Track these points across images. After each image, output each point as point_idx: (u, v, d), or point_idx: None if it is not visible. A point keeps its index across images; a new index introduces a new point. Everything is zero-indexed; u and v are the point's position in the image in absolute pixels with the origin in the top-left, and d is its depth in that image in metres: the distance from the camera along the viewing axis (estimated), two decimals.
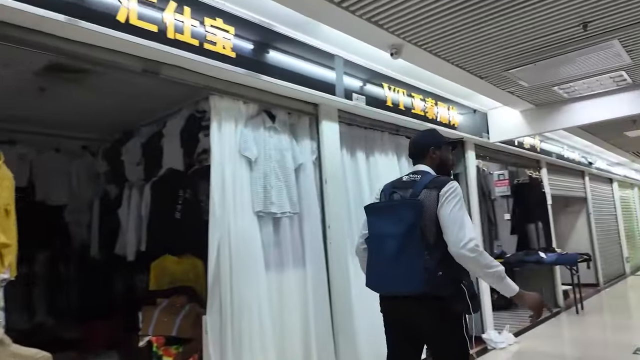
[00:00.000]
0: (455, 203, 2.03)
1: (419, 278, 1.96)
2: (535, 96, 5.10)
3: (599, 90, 4.94)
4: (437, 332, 2.07)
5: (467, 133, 5.52)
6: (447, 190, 2.06)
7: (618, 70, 4.32)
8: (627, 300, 8.51)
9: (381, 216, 2.17)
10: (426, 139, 2.36)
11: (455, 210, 2.02)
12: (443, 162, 2.32)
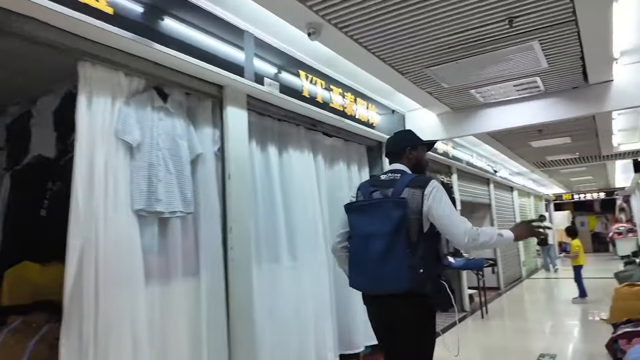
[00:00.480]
0: (445, 200, 2.12)
1: (404, 276, 2.02)
2: (453, 99, 5.00)
3: (514, 96, 4.96)
4: (416, 327, 2.13)
5: (385, 134, 5.29)
6: (432, 189, 2.13)
7: (533, 76, 4.32)
8: (524, 304, 8.94)
9: (365, 215, 2.19)
10: (403, 139, 2.43)
11: (447, 207, 2.11)
12: (419, 162, 2.39)
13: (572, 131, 6.97)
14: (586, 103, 4.71)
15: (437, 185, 2.17)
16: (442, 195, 2.13)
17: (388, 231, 2.06)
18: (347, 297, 4.58)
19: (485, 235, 2.10)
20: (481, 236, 2.09)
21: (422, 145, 2.44)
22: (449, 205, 2.13)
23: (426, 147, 2.49)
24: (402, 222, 2.06)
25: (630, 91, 4.47)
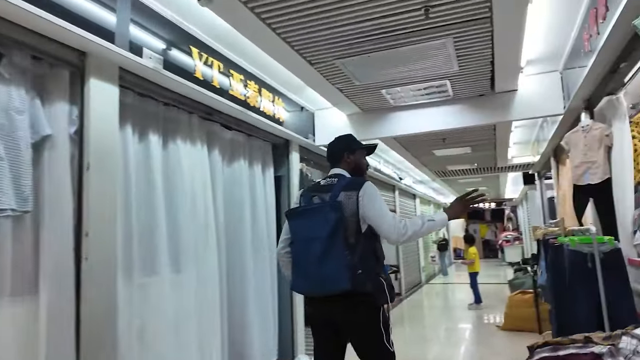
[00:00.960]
0: (376, 200, 2.23)
1: (344, 277, 2.08)
2: (364, 98, 4.73)
3: (423, 100, 4.82)
4: (362, 326, 2.18)
5: (293, 132, 4.88)
6: (366, 190, 2.24)
7: (444, 79, 4.18)
8: (424, 310, 9.08)
9: (304, 220, 2.26)
10: (340, 144, 2.53)
11: (378, 206, 2.22)
12: (357, 166, 2.49)
13: (473, 141, 7.15)
14: (492, 111, 4.70)
15: (371, 186, 2.27)
16: (374, 196, 2.24)
17: (326, 234, 2.12)
18: (242, 311, 4.06)
19: (414, 225, 2.21)
20: (409, 227, 2.20)
21: (360, 150, 2.53)
22: (380, 204, 2.24)
23: (365, 151, 2.57)
24: (339, 225, 2.14)
25: (534, 102, 4.53)
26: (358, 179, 2.34)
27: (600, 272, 3.02)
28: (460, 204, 2.35)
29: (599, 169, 3.82)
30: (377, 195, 2.25)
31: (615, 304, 2.96)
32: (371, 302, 2.17)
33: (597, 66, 3.17)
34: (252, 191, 4.44)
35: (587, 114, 4.01)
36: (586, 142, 3.91)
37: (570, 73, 4.08)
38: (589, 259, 3.11)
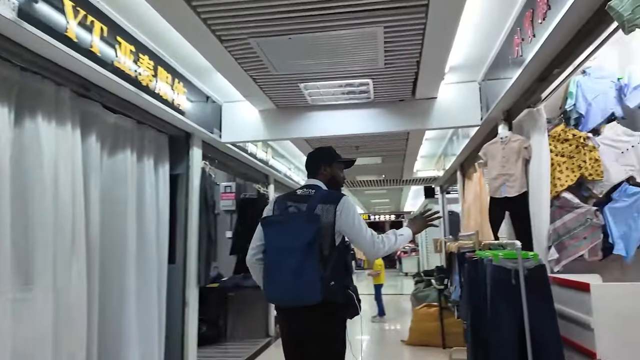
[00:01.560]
0: (354, 215, 2.28)
1: (317, 289, 2.13)
2: (279, 92, 4.25)
3: (343, 101, 4.48)
4: (328, 335, 2.24)
5: (196, 124, 4.23)
6: (344, 205, 2.28)
7: (367, 77, 3.85)
8: None
9: (280, 229, 2.26)
10: (318, 155, 2.55)
11: (357, 221, 2.28)
12: (334, 178, 2.52)
13: (385, 151, 7.03)
14: (411, 118, 4.51)
15: (349, 201, 2.31)
16: (353, 211, 2.28)
17: (301, 245, 2.14)
18: (118, 333, 3.30)
19: (389, 240, 2.34)
20: (386, 242, 2.33)
21: (338, 163, 2.56)
22: (359, 219, 2.29)
23: (343, 165, 2.60)
24: (315, 237, 2.17)
25: (452, 111, 4.42)
26: (335, 193, 2.37)
27: (524, 290, 2.85)
28: (420, 220, 2.53)
29: (516, 182, 3.75)
30: (355, 211, 2.29)
31: (538, 325, 2.79)
32: (339, 315, 2.25)
33: (527, 73, 3.05)
34: (139, 189, 3.70)
35: (506, 125, 3.95)
36: (504, 154, 3.83)
37: (490, 84, 4.00)
38: (513, 275, 2.93)
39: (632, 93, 3.41)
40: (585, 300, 2.77)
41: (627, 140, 3.45)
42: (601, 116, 3.58)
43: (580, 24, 2.37)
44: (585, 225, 3.43)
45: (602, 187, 3.49)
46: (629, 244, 3.33)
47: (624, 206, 3.38)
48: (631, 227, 3.33)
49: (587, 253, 3.42)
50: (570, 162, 3.54)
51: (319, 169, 2.49)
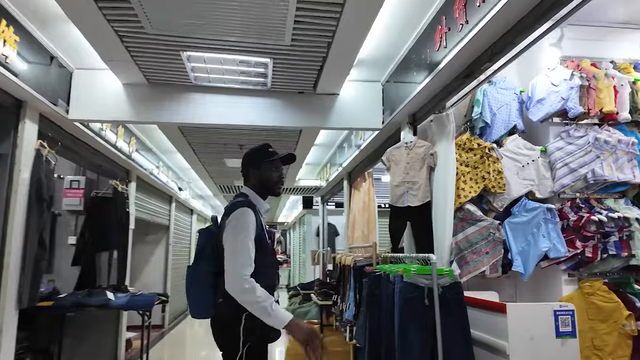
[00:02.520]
0: (234, 233, 1.97)
1: (206, 304, 2.08)
2: (154, 61, 3.40)
3: (234, 84, 3.80)
4: (228, 354, 2.04)
5: (31, 89, 3.15)
6: (231, 219, 2.00)
7: (268, 54, 3.24)
8: (190, 346, 7.74)
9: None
10: (245, 159, 2.26)
11: (233, 241, 1.97)
12: (262, 182, 2.20)
13: None
14: (310, 114, 4.01)
15: (240, 215, 1.99)
16: (236, 228, 1.97)
17: (194, 260, 2.13)
18: None
19: (254, 297, 1.90)
20: (249, 294, 1.90)
21: (267, 162, 2.20)
22: (234, 240, 1.96)
23: (273, 164, 2.22)
24: (202, 251, 2.12)
25: (353, 111, 4.05)
26: (237, 204, 2.05)
27: (439, 312, 2.48)
28: (306, 331, 1.91)
29: (419, 191, 3.46)
30: (239, 227, 1.97)
31: (453, 352, 2.44)
32: (234, 334, 1.98)
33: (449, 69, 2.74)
34: None
35: (411, 130, 3.66)
36: (409, 159, 3.53)
37: (396, 84, 3.70)
38: (426, 294, 2.55)
39: (536, 106, 3.37)
40: (500, 323, 2.50)
41: (527, 154, 3.40)
42: (504, 128, 3.50)
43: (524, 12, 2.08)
44: (488, 240, 3.27)
45: (502, 201, 3.38)
46: (527, 261, 3.23)
47: (524, 221, 3.29)
48: (530, 243, 3.24)
49: (489, 269, 3.25)
50: (475, 173, 3.36)
51: (247, 172, 2.22)
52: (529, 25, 2.09)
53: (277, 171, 2.22)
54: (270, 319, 1.89)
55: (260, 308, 1.88)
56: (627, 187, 3.26)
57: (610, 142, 3.22)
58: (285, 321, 1.89)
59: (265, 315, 1.89)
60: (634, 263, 3.09)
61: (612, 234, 3.09)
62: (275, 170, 2.22)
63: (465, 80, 2.74)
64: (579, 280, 3.17)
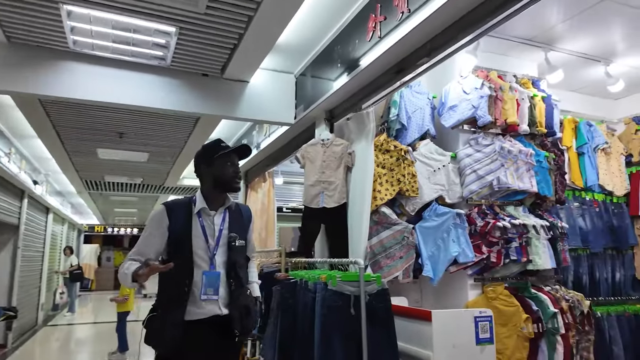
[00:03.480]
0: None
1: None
2: (18, 15, 2.66)
3: (124, 56, 3.18)
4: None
5: None
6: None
7: (174, 23, 2.74)
8: None
9: None
10: (197, 158, 2.10)
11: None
12: (217, 179, 2.02)
13: (157, 146, 5.72)
14: (217, 101, 3.56)
15: (151, 215, 2.01)
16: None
17: None
18: None
19: (121, 270, 1.90)
20: (120, 271, 1.90)
21: (220, 157, 2.01)
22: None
23: (227, 157, 2.03)
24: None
25: (264, 102, 3.70)
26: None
27: (365, 322, 2.26)
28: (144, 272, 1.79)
29: (336, 192, 3.24)
30: (147, 226, 1.99)
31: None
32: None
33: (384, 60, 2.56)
34: None
35: (328, 127, 3.44)
36: (325, 158, 3.30)
37: (315, 79, 3.46)
38: (352, 302, 2.31)
39: (448, 113, 3.39)
40: (425, 331, 2.38)
41: (439, 159, 3.40)
42: (418, 132, 3.47)
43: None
44: (402, 244, 3.18)
45: (414, 205, 3.33)
46: (436, 266, 3.21)
47: (434, 226, 3.27)
48: (440, 247, 3.23)
49: (402, 274, 3.16)
50: (391, 175, 3.27)
51: (200, 172, 2.07)
52: (478, 20, 1.99)
53: (232, 166, 2.05)
54: (128, 278, 1.83)
55: (122, 276, 1.86)
56: (525, 196, 3.45)
57: (512, 151, 3.37)
58: (130, 272, 1.81)
59: (126, 279, 1.85)
60: (531, 268, 3.26)
61: (514, 240, 3.21)
62: (230, 165, 2.05)
63: (396, 76, 2.60)
64: (483, 285, 3.24)
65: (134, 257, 1.91)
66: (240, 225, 2.07)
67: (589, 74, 3.95)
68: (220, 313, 1.92)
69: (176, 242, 1.92)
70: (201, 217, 1.97)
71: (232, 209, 2.07)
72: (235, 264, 1.98)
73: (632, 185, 4.28)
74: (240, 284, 2.01)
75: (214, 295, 1.90)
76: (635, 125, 4.31)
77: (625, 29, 3.29)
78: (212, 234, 1.97)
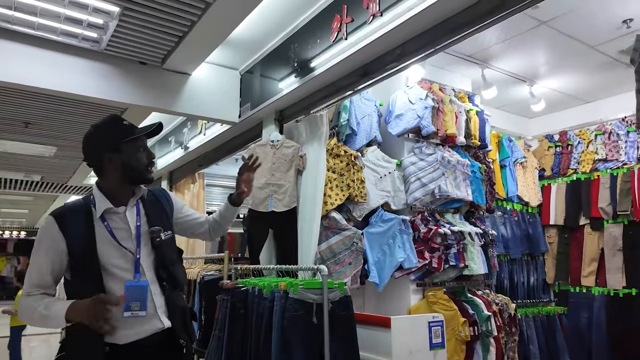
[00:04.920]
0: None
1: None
2: None
3: (50, 35, 2.77)
4: None
5: None
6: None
7: (118, 3, 2.45)
8: None
9: None
10: (93, 142, 1.62)
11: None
12: (128, 169, 1.61)
13: (66, 139, 5.11)
14: (155, 92, 3.26)
15: (39, 232, 1.60)
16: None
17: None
18: None
19: (25, 310, 1.53)
20: (23, 311, 1.54)
21: (131, 142, 1.61)
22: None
23: (142, 138, 1.66)
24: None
25: (206, 97, 3.47)
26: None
27: (327, 331, 2.18)
28: (85, 306, 1.44)
29: (285, 195, 3.13)
30: (35, 247, 1.59)
31: None
32: None
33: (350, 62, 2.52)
34: None
35: (277, 128, 3.32)
36: (275, 160, 3.17)
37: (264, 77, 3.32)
38: (314, 311, 2.21)
39: (395, 121, 3.45)
40: (384, 338, 2.36)
41: (385, 166, 3.44)
42: (366, 138, 3.49)
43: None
44: (351, 250, 3.15)
45: (361, 210, 3.33)
46: (382, 271, 3.24)
47: (380, 232, 3.30)
48: (386, 253, 3.26)
49: (350, 280, 3.13)
50: (341, 180, 3.23)
51: (101, 162, 1.60)
52: (458, 27, 2.02)
53: (145, 151, 1.66)
54: (53, 321, 1.48)
55: (39, 317, 1.48)
56: (461, 204, 3.62)
57: (451, 161, 3.52)
58: (63, 312, 1.45)
59: (46, 322, 1.49)
60: (467, 273, 3.42)
61: (453, 246, 3.35)
62: (143, 150, 1.65)
63: (361, 79, 2.57)
64: (424, 290, 3.33)
65: (32, 291, 1.53)
66: (160, 214, 1.70)
67: (515, 93, 4.29)
68: (163, 326, 1.57)
69: (77, 260, 1.53)
70: (106, 221, 1.57)
71: (146, 198, 1.70)
72: (164, 262, 1.62)
73: (544, 197, 4.73)
74: (175, 284, 1.66)
75: (140, 311, 1.51)
76: (548, 142, 4.77)
77: (550, 53, 3.62)
78: (128, 236, 1.59)
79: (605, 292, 4.13)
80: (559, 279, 4.54)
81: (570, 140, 4.63)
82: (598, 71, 3.89)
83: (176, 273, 1.67)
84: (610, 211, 4.15)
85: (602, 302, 4.13)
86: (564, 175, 4.63)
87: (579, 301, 4.34)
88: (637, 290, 3.90)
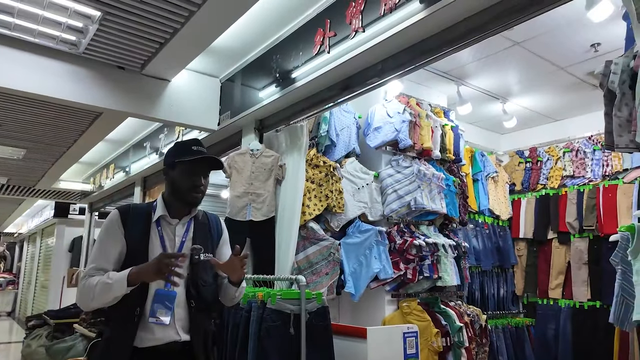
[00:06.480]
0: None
1: None
2: None
3: (25, 36, 2.71)
4: None
5: None
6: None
7: (100, 7, 2.42)
8: None
9: None
10: (164, 156, 1.82)
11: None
12: (173, 187, 1.74)
13: (36, 142, 4.97)
14: (129, 97, 3.21)
15: (104, 223, 1.72)
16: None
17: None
18: None
19: (85, 289, 1.58)
20: (82, 291, 1.60)
21: (180, 163, 1.71)
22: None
23: (196, 164, 1.71)
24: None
25: (186, 104, 3.44)
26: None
27: (305, 342, 2.18)
28: (151, 265, 1.54)
29: (264, 204, 3.13)
30: (99, 236, 1.71)
31: None
32: None
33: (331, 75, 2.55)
34: None
35: (257, 137, 3.32)
36: (254, 169, 3.17)
37: (245, 86, 3.32)
38: (292, 322, 2.22)
39: (373, 133, 3.51)
40: (360, 349, 2.38)
41: (363, 177, 3.49)
42: (345, 149, 3.53)
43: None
44: (328, 260, 3.17)
45: (339, 221, 3.36)
46: (358, 282, 3.26)
47: (357, 242, 3.33)
48: (362, 264, 3.29)
49: (327, 290, 3.14)
50: (319, 190, 3.26)
51: (164, 174, 1.78)
52: (432, 48, 2.09)
53: (195, 175, 1.71)
54: (116, 284, 1.53)
55: (101, 287, 1.54)
56: (436, 216, 3.69)
57: (427, 175, 3.60)
58: (124, 276, 1.54)
59: (109, 289, 1.54)
60: (440, 284, 3.48)
61: (427, 258, 3.41)
62: (191, 174, 1.71)
63: (342, 92, 2.61)
64: (399, 301, 3.37)
65: (94, 272, 1.61)
66: (207, 236, 1.78)
67: (488, 109, 4.43)
68: (179, 339, 1.61)
69: (131, 255, 1.64)
70: (160, 226, 1.70)
71: (199, 219, 1.79)
72: (196, 281, 1.67)
73: (514, 211, 4.87)
74: (202, 307, 1.69)
75: (164, 317, 1.57)
76: (519, 158, 4.93)
77: (522, 73, 3.76)
78: (171, 246, 1.68)
79: (571, 304, 4.27)
80: (528, 291, 4.66)
81: (539, 156, 4.80)
82: (567, 91, 4.06)
83: (206, 295, 1.71)
84: (576, 226, 4.31)
85: (568, 314, 4.27)
86: (533, 190, 4.78)
87: (546, 313, 4.47)
88: (601, 303, 4.05)
